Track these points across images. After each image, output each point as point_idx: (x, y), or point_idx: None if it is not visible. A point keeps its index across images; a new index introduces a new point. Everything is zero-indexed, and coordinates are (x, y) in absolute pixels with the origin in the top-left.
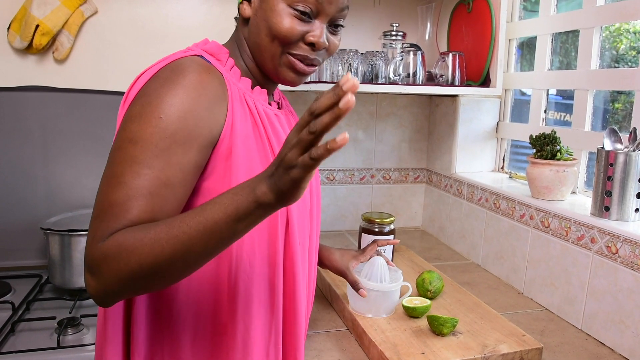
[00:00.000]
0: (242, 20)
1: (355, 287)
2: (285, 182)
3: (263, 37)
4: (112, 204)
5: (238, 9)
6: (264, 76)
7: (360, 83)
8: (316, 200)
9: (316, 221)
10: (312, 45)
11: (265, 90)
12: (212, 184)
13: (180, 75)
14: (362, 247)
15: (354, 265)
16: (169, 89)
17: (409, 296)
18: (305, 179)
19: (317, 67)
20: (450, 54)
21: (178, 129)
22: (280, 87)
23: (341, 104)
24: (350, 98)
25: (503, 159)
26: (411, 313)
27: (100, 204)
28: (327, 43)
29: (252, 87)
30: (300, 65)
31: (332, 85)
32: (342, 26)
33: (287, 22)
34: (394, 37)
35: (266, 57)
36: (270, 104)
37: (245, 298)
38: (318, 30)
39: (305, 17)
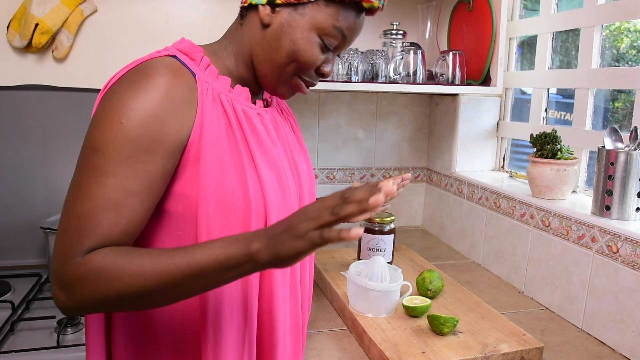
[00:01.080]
0: (259, 24)
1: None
2: (286, 248)
3: (282, 56)
4: (80, 217)
5: (247, 6)
6: (253, 78)
7: (361, 82)
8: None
9: None
10: (322, 75)
11: (246, 89)
12: (181, 188)
13: (144, 79)
14: (362, 247)
15: None
16: (132, 92)
17: (409, 295)
18: (307, 254)
19: None
20: (451, 53)
21: (140, 134)
22: None
23: (371, 200)
24: (380, 198)
25: (503, 158)
26: (411, 312)
27: (67, 216)
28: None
29: (233, 86)
30: (304, 89)
31: (332, 83)
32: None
33: (314, 52)
34: (394, 36)
35: (274, 73)
36: (255, 103)
37: (215, 310)
38: (332, 63)
39: (326, 49)
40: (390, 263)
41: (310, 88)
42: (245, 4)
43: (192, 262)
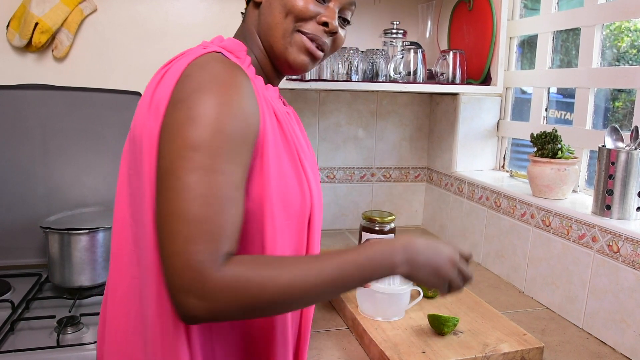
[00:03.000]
0: (253, 5)
1: None
2: (426, 279)
3: (276, 15)
4: (203, 221)
5: (247, 4)
6: (274, 70)
7: (361, 81)
8: None
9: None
10: (325, 25)
11: (276, 89)
12: (249, 182)
13: (213, 73)
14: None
15: None
16: (210, 88)
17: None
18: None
19: (324, 55)
20: (451, 52)
21: (234, 128)
22: (282, 84)
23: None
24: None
25: (504, 158)
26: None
27: (185, 223)
28: (338, 27)
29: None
30: (311, 45)
31: (332, 83)
32: (348, 22)
33: (310, 5)
34: (394, 35)
35: (277, 35)
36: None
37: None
38: (331, 12)
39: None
40: None
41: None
42: (246, 4)
43: (339, 277)
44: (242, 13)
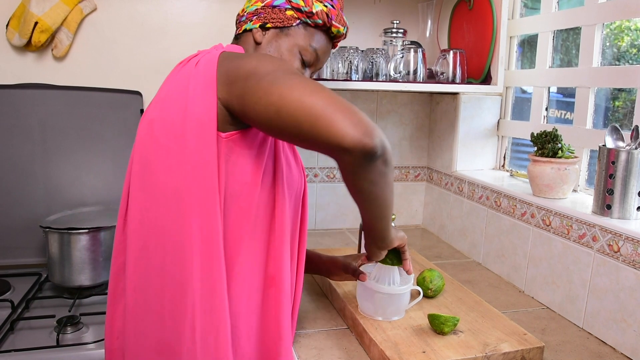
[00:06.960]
0: (252, 43)
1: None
2: None
3: None
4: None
5: (244, 28)
6: None
7: (361, 80)
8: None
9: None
10: None
11: None
12: (266, 177)
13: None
14: (362, 246)
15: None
16: (265, 55)
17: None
18: None
19: None
20: (451, 52)
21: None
22: None
23: None
24: None
25: (504, 157)
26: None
27: (327, 100)
28: None
29: None
30: None
31: (332, 82)
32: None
33: (296, 63)
34: (394, 35)
35: None
36: None
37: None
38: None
39: (304, 64)
40: None
41: None
42: (240, 31)
43: None
44: (238, 35)
